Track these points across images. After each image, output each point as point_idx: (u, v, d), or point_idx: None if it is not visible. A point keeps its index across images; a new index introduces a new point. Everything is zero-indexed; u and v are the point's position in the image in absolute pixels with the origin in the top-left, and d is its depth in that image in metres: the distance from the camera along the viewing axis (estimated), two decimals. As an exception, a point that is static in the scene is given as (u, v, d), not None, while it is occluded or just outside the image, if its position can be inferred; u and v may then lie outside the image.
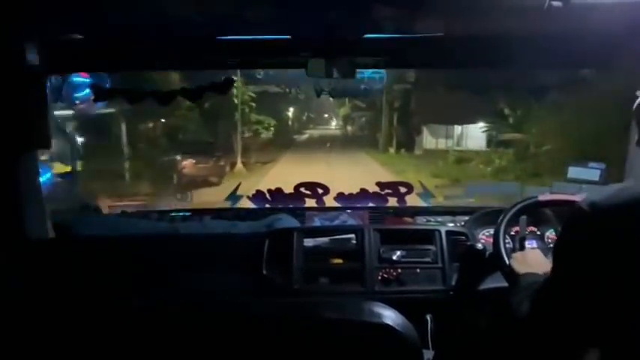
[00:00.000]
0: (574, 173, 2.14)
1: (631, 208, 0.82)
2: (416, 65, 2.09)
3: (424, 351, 1.35)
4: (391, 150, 18.70)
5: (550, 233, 1.92)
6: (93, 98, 2.11)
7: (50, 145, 1.90)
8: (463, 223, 2.04)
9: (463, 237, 1.88)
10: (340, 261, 1.85)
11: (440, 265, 1.80)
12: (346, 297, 1.71)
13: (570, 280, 0.90)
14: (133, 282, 1.73)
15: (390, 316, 0.93)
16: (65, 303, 1.07)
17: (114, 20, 1.52)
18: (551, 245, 1.90)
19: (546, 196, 1.64)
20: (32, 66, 1.70)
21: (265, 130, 18.45)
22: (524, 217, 1.63)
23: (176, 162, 11.68)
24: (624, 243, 0.81)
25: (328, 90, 2.01)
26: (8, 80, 1.65)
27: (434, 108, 14.28)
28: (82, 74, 2.14)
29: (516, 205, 1.63)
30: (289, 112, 26.14)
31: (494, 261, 1.55)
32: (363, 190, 2.34)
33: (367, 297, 1.65)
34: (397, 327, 0.91)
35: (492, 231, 1.67)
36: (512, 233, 1.71)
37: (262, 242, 1.84)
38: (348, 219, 2.19)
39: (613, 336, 0.84)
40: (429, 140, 18.68)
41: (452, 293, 1.76)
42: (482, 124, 15.99)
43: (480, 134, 16.48)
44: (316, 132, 32.65)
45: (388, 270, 1.78)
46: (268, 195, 2.30)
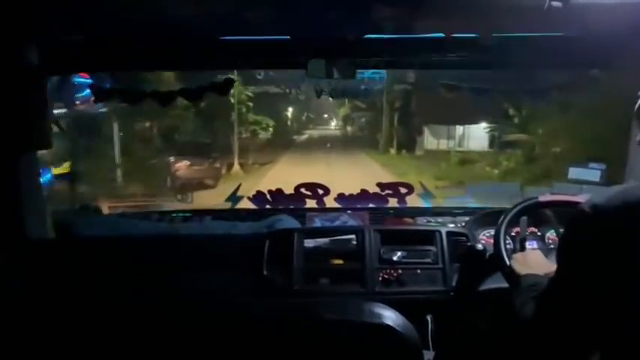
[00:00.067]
0: (575, 174, 2.15)
1: (633, 210, 0.82)
2: (416, 66, 2.08)
3: (424, 351, 1.35)
4: (392, 151, 18.56)
5: (550, 234, 1.92)
6: (93, 99, 2.11)
7: (50, 146, 1.91)
8: (463, 224, 2.04)
9: (463, 238, 1.88)
10: (341, 262, 1.84)
11: (440, 266, 1.80)
12: (347, 297, 1.71)
13: (574, 282, 0.90)
14: (133, 282, 1.73)
15: (391, 317, 0.93)
16: (65, 303, 1.07)
17: (114, 20, 1.52)
18: (551, 246, 1.91)
19: (547, 197, 1.64)
20: (32, 66, 1.70)
21: (263, 131, 18.13)
22: (524, 218, 1.63)
23: (169, 163, 11.29)
24: (626, 244, 0.81)
25: (328, 90, 2.00)
26: (8, 80, 1.65)
27: (435, 108, 14.19)
28: (82, 74, 2.14)
29: (517, 206, 1.63)
30: (288, 113, 25.88)
31: (494, 262, 1.55)
32: (364, 191, 2.34)
33: (368, 297, 1.65)
34: (397, 327, 0.91)
35: (493, 232, 1.67)
36: (512, 234, 1.71)
37: (263, 243, 1.84)
38: (349, 220, 2.19)
39: (616, 337, 0.84)
40: (430, 141, 18.56)
41: (452, 294, 1.76)
42: (484, 125, 15.89)
43: (482, 135, 16.36)
44: (316, 132, 32.52)
45: (388, 270, 1.78)
46: (269, 196, 2.30)
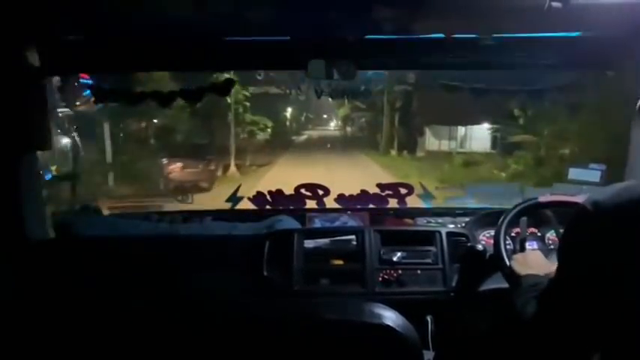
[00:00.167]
0: (575, 174, 2.14)
1: (634, 207, 0.82)
2: (416, 66, 2.08)
3: (424, 352, 1.35)
4: (392, 152, 18.36)
5: (550, 234, 1.92)
6: (93, 99, 2.11)
7: (51, 147, 1.91)
8: (464, 225, 2.04)
9: (463, 238, 1.87)
10: (341, 262, 1.84)
11: (440, 266, 1.80)
12: (347, 298, 1.71)
13: (575, 280, 0.89)
14: (134, 283, 1.73)
15: (391, 317, 0.93)
16: (65, 303, 1.07)
17: (114, 21, 1.52)
18: (551, 246, 1.91)
19: (547, 197, 1.64)
20: (32, 67, 1.70)
21: (261, 132, 17.62)
22: (524, 219, 1.63)
23: (162, 165, 10.77)
24: (628, 242, 0.81)
25: (328, 91, 2.00)
26: (8, 81, 1.65)
27: (437, 108, 14.04)
28: (82, 75, 2.13)
29: (517, 207, 1.63)
30: (287, 113, 25.44)
31: (494, 262, 1.55)
32: (364, 192, 2.33)
33: (368, 298, 1.65)
34: (398, 328, 0.91)
35: (493, 232, 1.67)
36: (512, 234, 1.71)
37: (263, 243, 1.84)
38: (349, 220, 2.19)
39: (617, 336, 0.84)
40: (432, 142, 18.39)
41: (452, 294, 1.76)
42: (487, 125, 15.71)
43: (485, 135, 16.17)
44: (315, 133, 32.28)
45: (389, 271, 1.78)
46: (269, 196, 2.31)
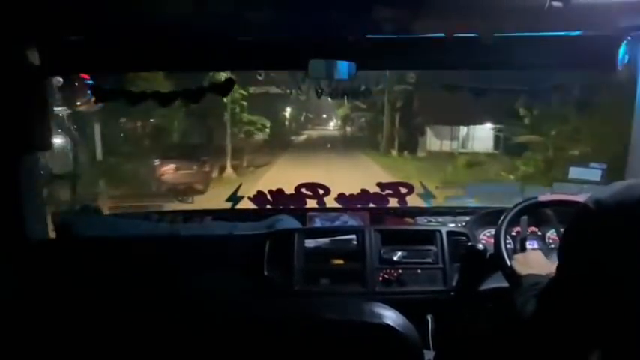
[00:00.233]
0: (575, 173, 2.14)
1: (636, 206, 0.81)
2: (416, 66, 2.08)
3: (425, 351, 1.35)
4: (393, 152, 18.28)
5: (551, 233, 1.92)
6: (94, 99, 2.11)
7: (51, 147, 1.91)
8: (464, 224, 2.04)
9: (464, 237, 1.87)
10: (341, 262, 1.84)
11: (441, 266, 1.80)
12: (347, 297, 1.71)
13: (576, 279, 0.89)
14: (134, 283, 1.73)
15: (391, 317, 0.93)
16: (65, 304, 1.07)
17: (114, 21, 1.52)
18: (552, 246, 1.91)
19: (547, 197, 1.64)
20: (32, 67, 1.70)
21: (258, 132, 17.27)
22: (525, 218, 1.63)
23: (154, 167, 10.41)
24: (630, 241, 0.81)
25: (329, 91, 2.00)
26: (9, 81, 1.65)
27: (438, 108, 13.92)
28: (83, 75, 2.13)
29: (517, 206, 1.63)
30: (285, 112, 25.20)
31: (495, 261, 1.55)
32: (364, 191, 2.34)
33: (368, 297, 1.65)
34: (398, 327, 0.91)
35: (493, 231, 1.67)
36: (513, 234, 1.71)
37: (263, 243, 1.84)
38: (349, 220, 2.19)
39: (618, 335, 0.84)
40: (433, 142, 18.28)
41: (453, 293, 1.76)
42: (490, 125, 15.54)
43: (487, 136, 16.04)
44: (314, 133, 32.08)
45: (389, 270, 1.78)
46: (269, 196, 2.31)
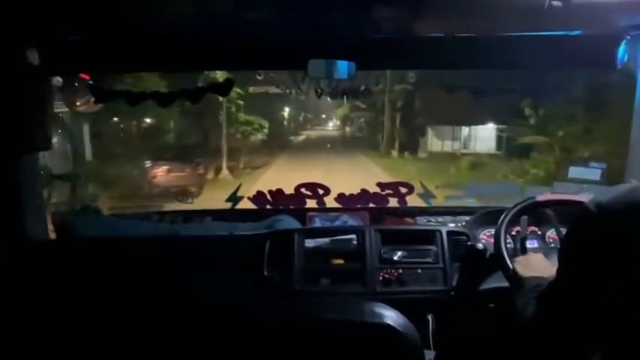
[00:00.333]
0: (575, 173, 2.14)
1: (638, 209, 0.81)
2: (416, 66, 2.08)
3: (425, 351, 1.35)
4: (394, 153, 18.05)
5: (551, 233, 1.92)
6: (93, 100, 2.11)
7: (50, 147, 1.91)
8: (464, 224, 2.04)
9: (464, 237, 1.87)
10: (341, 261, 1.84)
11: (441, 266, 1.80)
12: (347, 297, 1.71)
13: (576, 282, 0.89)
14: (134, 283, 1.73)
15: (391, 317, 0.93)
16: (65, 304, 1.07)
17: (114, 21, 1.52)
18: (552, 245, 1.91)
19: (545, 197, 1.64)
20: (33, 67, 1.70)
21: (256, 132, 16.71)
22: (525, 218, 1.63)
23: (145, 169, 10.05)
24: (632, 244, 0.80)
25: (328, 91, 2.00)
26: (9, 81, 1.65)
27: (439, 107, 13.68)
28: (82, 76, 2.13)
29: (517, 206, 1.63)
30: (284, 112, 24.74)
31: (495, 261, 1.55)
32: (364, 191, 2.33)
33: (368, 297, 1.65)
34: (398, 327, 0.91)
35: (493, 231, 1.67)
36: (513, 233, 1.71)
37: (263, 243, 1.84)
38: (349, 220, 2.19)
39: (619, 338, 0.84)
40: (435, 142, 18.04)
41: (453, 293, 1.76)
42: (492, 125, 15.32)
43: (489, 136, 15.80)
44: (313, 133, 31.68)
45: (389, 270, 1.78)
46: (269, 196, 2.31)
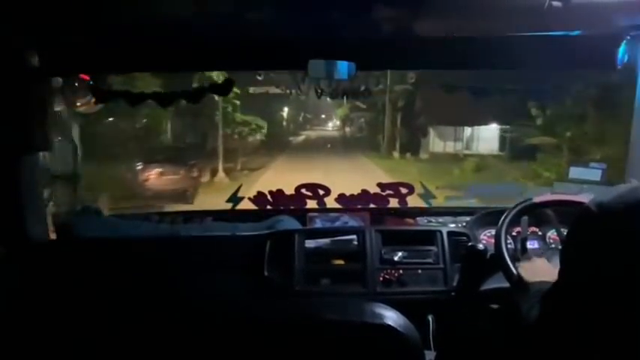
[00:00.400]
0: (575, 173, 2.14)
1: (638, 209, 0.81)
2: (416, 66, 2.08)
3: (426, 352, 1.35)
4: (395, 154, 17.83)
5: (552, 233, 1.92)
6: (93, 100, 2.11)
7: (50, 148, 1.91)
8: (464, 224, 2.04)
9: (464, 238, 1.87)
10: (341, 262, 1.84)
11: (441, 266, 1.80)
12: (348, 298, 1.71)
13: (578, 282, 0.88)
14: (134, 284, 1.73)
15: (392, 317, 0.93)
16: (65, 304, 1.07)
17: (114, 21, 1.52)
18: (552, 245, 1.90)
19: (545, 197, 1.64)
20: (33, 67, 1.70)
21: (254, 133, 16.28)
22: (525, 218, 1.63)
23: (136, 172, 9.74)
24: (633, 244, 0.80)
25: (328, 91, 2.00)
26: (9, 82, 1.65)
27: (441, 108, 13.48)
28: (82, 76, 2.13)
29: (517, 206, 1.63)
30: (283, 112, 24.43)
31: (495, 261, 1.55)
32: (364, 191, 2.33)
33: (369, 298, 1.65)
34: (399, 328, 0.91)
35: (494, 232, 1.66)
36: (513, 234, 1.71)
37: (263, 244, 1.84)
38: (350, 220, 2.19)
39: (622, 340, 0.83)
40: (437, 143, 17.81)
41: (453, 294, 1.76)
42: (496, 126, 15.13)
43: (492, 136, 15.57)
44: (313, 133, 31.34)
45: (389, 271, 1.78)
46: (269, 196, 2.31)
